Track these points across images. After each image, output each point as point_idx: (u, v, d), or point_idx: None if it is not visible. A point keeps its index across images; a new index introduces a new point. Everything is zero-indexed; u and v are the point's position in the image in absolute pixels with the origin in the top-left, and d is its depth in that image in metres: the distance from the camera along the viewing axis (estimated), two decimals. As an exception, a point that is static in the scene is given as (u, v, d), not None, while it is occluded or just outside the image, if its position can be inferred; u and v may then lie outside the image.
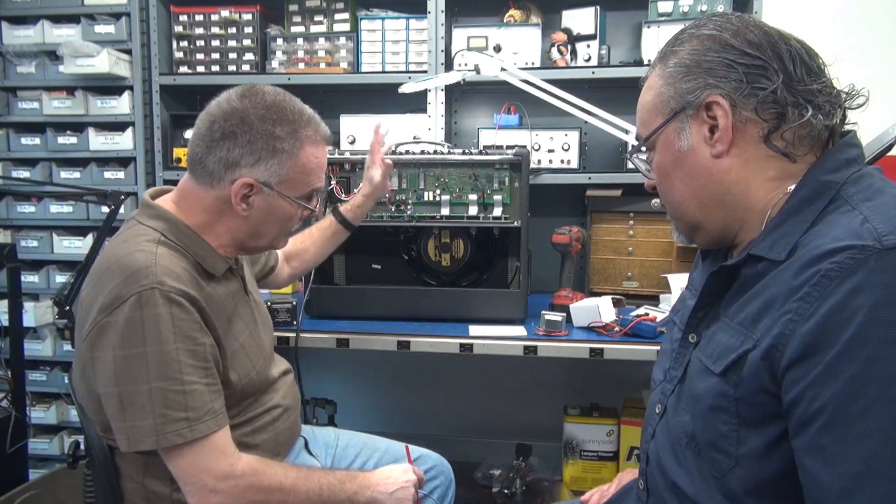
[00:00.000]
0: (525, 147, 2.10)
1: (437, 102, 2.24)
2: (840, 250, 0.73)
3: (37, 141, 2.49)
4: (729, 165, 0.88)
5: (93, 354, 1.09)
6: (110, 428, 1.12)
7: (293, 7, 2.38)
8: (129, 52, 2.38)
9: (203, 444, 1.10)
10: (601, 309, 1.81)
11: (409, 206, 1.89)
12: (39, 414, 2.51)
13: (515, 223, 1.86)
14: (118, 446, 1.11)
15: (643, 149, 0.98)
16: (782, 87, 0.83)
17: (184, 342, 1.09)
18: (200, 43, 2.40)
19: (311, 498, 1.21)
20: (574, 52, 2.21)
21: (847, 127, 0.89)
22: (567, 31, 2.21)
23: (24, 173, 2.49)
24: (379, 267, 2.03)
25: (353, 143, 2.29)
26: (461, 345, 1.76)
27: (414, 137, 2.21)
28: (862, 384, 0.69)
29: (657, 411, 1.00)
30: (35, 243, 2.49)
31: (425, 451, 1.58)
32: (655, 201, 2.07)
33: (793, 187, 0.85)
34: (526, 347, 1.74)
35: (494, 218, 1.87)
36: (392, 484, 1.32)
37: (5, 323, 2.15)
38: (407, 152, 1.89)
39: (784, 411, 0.76)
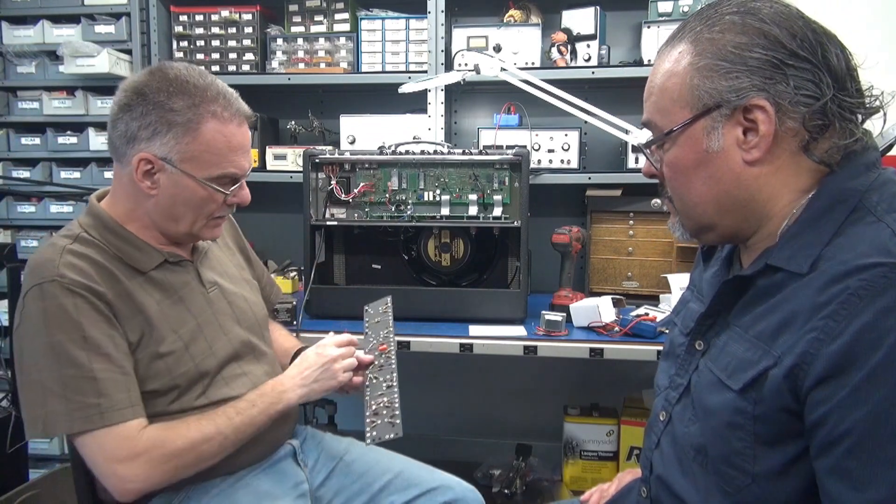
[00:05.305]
0: (525, 147, 2.10)
1: (437, 102, 2.24)
2: (869, 267, 0.71)
3: (37, 141, 2.49)
4: (759, 173, 0.81)
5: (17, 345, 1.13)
6: None
7: (293, 7, 2.38)
8: (129, 52, 2.38)
9: (111, 431, 1.08)
10: (601, 309, 1.81)
11: (409, 206, 1.89)
12: (39, 414, 2.51)
13: (515, 223, 1.86)
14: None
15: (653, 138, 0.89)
16: (832, 99, 0.77)
17: (86, 329, 1.09)
18: (200, 43, 2.40)
19: (227, 434, 1.17)
20: (574, 52, 2.21)
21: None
22: (567, 31, 2.21)
23: (24, 173, 2.49)
24: (379, 267, 2.03)
25: (352, 143, 2.29)
26: (461, 345, 1.76)
27: (414, 137, 2.21)
28: (891, 409, 0.68)
29: (661, 419, 0.97)
30: (35, 243, 2.48)
31: (449, 477, 1.45)
32: (655, 201, 2.07)
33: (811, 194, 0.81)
34: (526, 347, 1.74)
35: (494, 218, 1.87)
36: (308, 374, 1.22)
37: (5, 323, 2.14)
38: (407, 152, 1.89)
39: (806, 431, 0.74)
